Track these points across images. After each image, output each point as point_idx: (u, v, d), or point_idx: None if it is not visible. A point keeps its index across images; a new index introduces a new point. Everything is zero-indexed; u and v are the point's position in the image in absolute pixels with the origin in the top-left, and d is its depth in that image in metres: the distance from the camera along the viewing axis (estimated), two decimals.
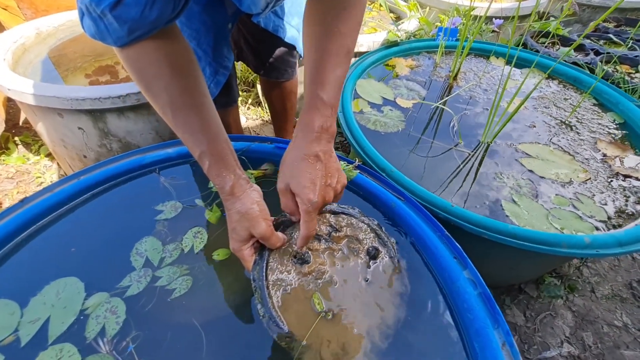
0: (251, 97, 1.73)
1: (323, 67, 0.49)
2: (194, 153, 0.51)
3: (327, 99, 0.49)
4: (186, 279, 0.58)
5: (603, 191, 0.84)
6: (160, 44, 0.44)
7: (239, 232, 0.51)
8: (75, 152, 1.07)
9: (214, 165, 0.50)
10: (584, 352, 0.92)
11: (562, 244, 0.67)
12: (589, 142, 0.99)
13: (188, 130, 0.49)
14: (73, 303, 0.53)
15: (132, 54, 0.44)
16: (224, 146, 0.51)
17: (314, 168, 0.49)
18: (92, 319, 0.51)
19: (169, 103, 0.46)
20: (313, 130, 0.49)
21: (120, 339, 0.50)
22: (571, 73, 1.26)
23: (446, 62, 1.33)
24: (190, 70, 0.48)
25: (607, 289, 1.07)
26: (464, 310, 0.55)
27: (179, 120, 0.48)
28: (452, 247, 0.61)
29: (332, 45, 0.49)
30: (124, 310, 0.53)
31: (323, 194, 0.49)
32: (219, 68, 0.81)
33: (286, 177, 0.50)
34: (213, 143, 0.50)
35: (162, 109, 0.48)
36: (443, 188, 0.83)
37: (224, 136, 0.52)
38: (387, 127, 0.98)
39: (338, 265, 0.56)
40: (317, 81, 0.49)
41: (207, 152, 0.49)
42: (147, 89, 0.47)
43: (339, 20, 0.48)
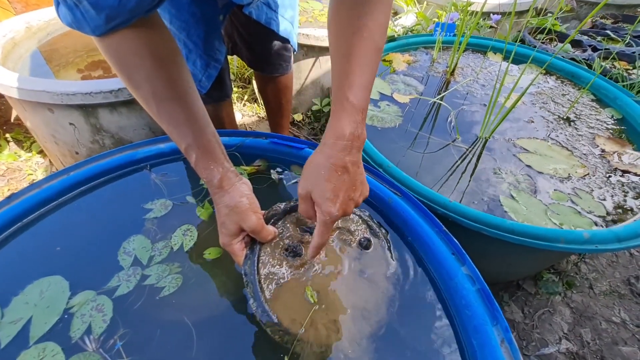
0: (247, 93, 1.71)
1: (351, 68, 0.44)
2: (180, 146, 0.49)
3: (358, 102, 0.44)
4: (176, 277, 0.56)
5: (602, 186, 0.83)
6: (140, 33, 0.42)
7: (229, 227, 0.50)
8: (67, 148, 1.05)
9: (201, 158, 0.49)
10: (582, 348, 0.91)
11: (561, 239, 0.66)
12: (587, 138, 0.98)
13: (173, 123, 0.47)
14: (57, 302, 0.51)
15: (112, 43, 0.42)
16: (211, 138, 0.50)
17: (339, 179, 0.44)
18: (77, 317, 0.50)
19: (152, 94, 0.45)
20: (344, 138, 0.44)
21: (107, 337, 0.48)
22: (569, 69, 1.25)
23: (443, 58, 1.32)
24: (173, 60, 0.46)
25: (605, 285, 1.06)
26: (462, 307, 0.53)
27: (164, 112, 0.46)
28: (450, 243, 0.60)
29: (360, 42, 0.44)
30: (110, 308, 0.51)
31: (345, 208, 0.45)
32: (211, 61, 0.79)
33: (308, 184, 0.45)
34: (199, 135, 0.48)
35: (146, 100, 0.46)
36: (441, 184, 0.82)
37: (211, 128, 0.51)
38: (384, 123, 0.96)
39: (330, 258, 0.55)
40: (346, 84, 0.44)
41: (194, 145, 0.48)
42: (129, 79, 0.45)
43: (367, 15, 0.43)
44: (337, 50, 0.46)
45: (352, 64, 0.44)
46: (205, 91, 0.84)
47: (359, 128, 0.45)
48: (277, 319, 0.47)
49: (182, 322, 0.51)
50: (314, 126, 1.61)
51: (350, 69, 0.44)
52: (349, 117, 0.44)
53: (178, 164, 0.76)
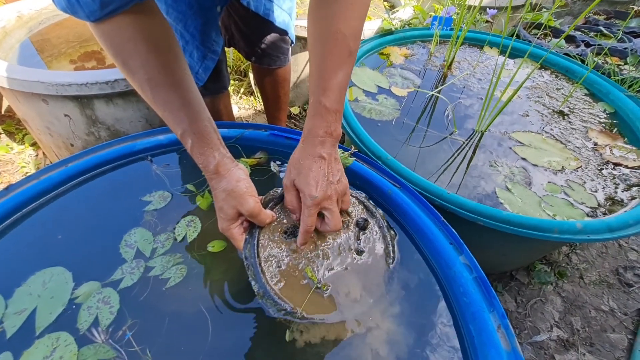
0: (243, 86, 1.70)
1: (325, 72, 0.48)
2: (176, 132, 0.50)
3: (330, 105, 0.49)
4: (180, 267, 0.57)
5: (594, 179, 0.85)
6: (135, 19, 0.42)
7: (227, 211, 0.51)
8: (62, 140, 1.04)
9: (197, 143, 0.49)
10: (572, 335, 0.94)
11: (555, 229, 0.68)
12: (580, 131, 1.00)
13: (168, 108, 0.47)
14: (61, 293, 0.51)
15: (107, 29, 0.42)
16: (207, 124, 0.50)
17: (317, 167, 0.50)
18: (83, 310, 0.50)
19: (147, 80, 0.45)
20: (317, 136, 0.50)
21: (116, 328, 0.48)
22: (563, 63, 1.27)
23: (440, 52, 1.32)
24: (168, 46, 0.46)
25: (594, 275, 1.10)
26: (460, 295, 0.55)
27: (159, 98, 0.47)
28: (448, 233, 0.61)
29: (333, 47, 0.48)
30: (117, 300, 0.52)
31: (324, 190, 0.50)
32: (208, 52, 0.78)
33: (292, 175, 0.52)
34: (195, 121, 0.49)
35: (141, 86, 0.46)
36: (438, 176, 0.83)
37: (207, 114, 0.51)
38: (382, 116, 0.97)
39: (329, 239, 0.56)
40: (320, 87, 0.49)
41: (190, 130, 0.48)
42: (124, 65, 0.45)
43: (340, 19, 0.47)
44: (314, 52, 0.50)
45: (326, 67, 0.48)
46: (203, 83, 0.84)
47: (331, 126, 0.51)
48: (279, 300, 0.48)
49: (188, 311, 0.51)
50: None
51: (325, 73, 0.48)
52: (322, 118, 0.50)
53: (177, 154, 0.76)
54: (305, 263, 0.53)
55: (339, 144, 0.71)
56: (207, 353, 0.47)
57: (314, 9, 0.48)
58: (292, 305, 0.48)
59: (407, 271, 0.59)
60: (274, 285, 0.49)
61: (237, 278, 0.56)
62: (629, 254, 1.17)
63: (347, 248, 0.56)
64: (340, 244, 0.56)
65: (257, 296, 0.48)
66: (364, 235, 0.58)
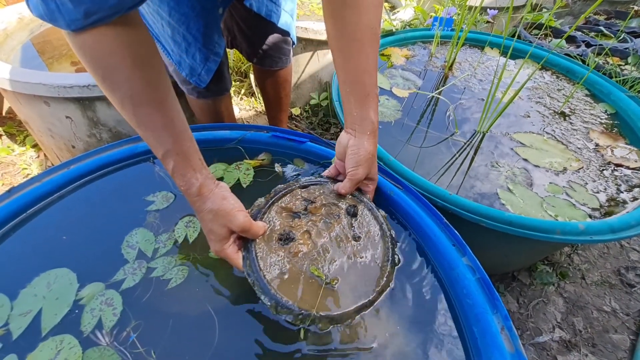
0: (244, 87, 1.70)
1: (365, 59, 0.53)
2: (157, 153, 0.47)
3: (377, 92, 0.56)
4: (182, 268, 0.57)
5: (595, 180, 0.85)
6: (120, 31, 0.39)
7: (217, 231, 0.49)
8: (63, 142, 1.04)
9: (180, 164, 0.47)
10: (574, 336, 0.94)
11: (557, 230, 0.68)
12: (581, 132, 1.00)
13: (151, 127, 0.45)
14: (66, 294, 0.51)
15: (88, 40, 0.38)
16: (189, 145, 0.48)
17: (374, 156, 0.60)
18: (86, 312, 0.50)
19: (130, 97, 0.42)
20: (374, 124, 0.57)
21: (120, 330, 0.48)
22: (564, 64, 1.27)
23: (441, 52, 1.32)
24: (153, 63, 0.44)
25: (596, 276, 1.10)
26: (463, 296, 0.55)
27: (142, 116, 0.44)
28: (450, 234, 0.61)
29: (364, 34, 0.52)
30: (120, 302, 0.52)
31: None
32: (210, 54, 0.78)
33: (368, 168, 0.58)
34: (178, 141, 0.47)
35: (121, 103, 0.43)
36: (440, 177, 0.83)
37: (189, 134, 0.49)
38: (383, 117, 0.97)
39: (324, 234, 0.56)
40: (365, 76, 0.54)
41: (172, 152, 0.46)
42: (104, 80, 0.41)
43: (365, 14, 0.50)
44: (343, 43, 0.52)
45: (367, 57, 0.53)
46: (205, 85, 0.84)
47: (377, 114, 0.58)
48: (295, 306, 0.48)
49: (192, 312, 0.51)
50: (311, 120, 1.61)
51: (368, 64, 0.53)
52: (376, 107, 0.56)
53: None
54: (308, 263, 0.53)
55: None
56: (213, 354, 0.47)
57: (339, 8, 0.51)
58: (305, 307, 0.48)
59: (410, 273, 0.59)
60: (284, 293, 0.49)
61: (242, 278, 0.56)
62: (631, 254, 1.17)
63: (344, 237, 0.56)
64: (336, 236, 0.56)
65: (270, 309, 0.48)
66: (357, 222, 0.59)
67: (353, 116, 0.57)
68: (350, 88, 0.55)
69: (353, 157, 0.57)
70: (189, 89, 0.89)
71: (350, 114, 0.57)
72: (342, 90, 0.58)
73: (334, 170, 0.64)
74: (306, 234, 0.56)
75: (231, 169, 0.76)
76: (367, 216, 0.60)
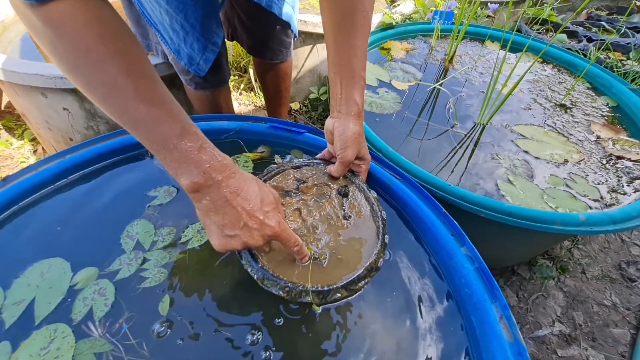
0: (244, 82, 1.69)
1: (355, 43, 0.53)
2: (171, 133, 0.38)
3: (364, 75, 0.56)
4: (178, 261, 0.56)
5: (596, 171, 0.85)
6: (91, 3, 0.33)
7: (270, 198, 0.44)
8: (61, 134, 1.04)
9: (203, 138, 0.41)
10: (574, 330, 0.94)
11: (557, 221, 0.68)
12: (583, 125, 1.00)
13: (159, 102, 0.37)
14: (59, 283, 0.51)
15: (57, 14, 0.31)
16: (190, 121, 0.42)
17: (362, 137, 0.60)
18: (79, 300, 0.49)
19: (127, 70, 0.35)
20: (360, 106, 0.57)
21: (114, 320, 0.48)
22: (565, 57, 1.26)
23: (442, 46, 1.31)
24: (134, 42, 0.37)
25: (597, 270, 1.09)
26: (461, 286, 0.54)
27: (145, 90, 0.36)
28: (449, 224, 0.60)
29: (358, 19, 0.52)
30: (113, 292, 0.51)
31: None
32: (208, 44, 0.78)
33: (357, 148, 0.58)
34: (186, 116, 0.41)
35: (115, 79, 0.35)
36: (439, 168, 0.82)
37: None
38: (383, 109, 0.96)
39: (314, 212, 0.56)
40: (354, 59, 0.54)
41: (191, 124, 0.40)
42: (88, 54, 0.33)
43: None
44: (335, 25, 0.53)
45: (357, 43, 0.53)
46: (203, 74, 0.83)
47: (363, 98, 0.58)
48: (280, 277, 0.48)
49: (186, 304, 0.51)
50: (311, 115, 1.61)
51: (356, 48, 0.53)
52: (362, 90, 0.56)
53: None
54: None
55: None
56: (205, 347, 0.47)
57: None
58: (294, 280, 0.48)
59: (407, 262, 0.58)
60: (272, 268, 0.49)
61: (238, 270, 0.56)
62: (632, 248, 1.16)
63: (335, 216, 0.56)
64: (326, 214, 0.56)
65: (258, 281, 0.48)
66: (348, 202, 0.59)
67: (338, 99, 0.57)
68: (338, 69, 0.55)
69: (340, 138, 0.57)
70: (187, 80, 0.88)
71: (335, 97, 0.57)
72: (330, 73, 0.58)
73: (328, 154, 0.64)
74: (296, 212, 0.56)
75: None
76: (358, 197, 0.60)
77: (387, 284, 0.55)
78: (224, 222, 0.42)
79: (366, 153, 0.62)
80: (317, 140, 0.77)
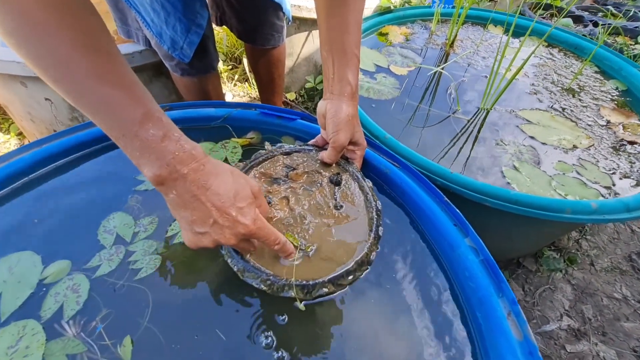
0: (238, 73, 1.64)
1: (349, 21, 0.51)
2: (135, 114, 0.33)
3: (359, 53, 0.54)
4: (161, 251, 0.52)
5: (607, 157, 0.80)
6: None
7: (245, 192, 0.39)
8: (45, 126, 0.99)
9: (168, 124, 0.36)
10: (583, 325, 0.89)
11: (567, 209, 0.63)
12: (591, 109, 0.95)
13: (116, 83, 0.32)
14: (29, 277, 0.47)
15: None
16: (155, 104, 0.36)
17: (357, 120, 0.56)
18: (50, 296, 0.45)
19: (78, 45, 0.30)
20: (354, 86, 0.53)
21: (88, 319, 0.44)
22: (572, 40, 1.21)
23: (442, 30, 1.26)
24: (91, 9, 0.32)
25: (606, 262, 1.04)
26: (465, 279, 0.50)
27: (96, 69, 0.31)
28: (451, 214, 0.56)
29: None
30: (87, 289, 0.47)
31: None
32: (191, 25, 0.73)
33: (350, 132, 0.54)
34: (150, 98, 0.35)
35: (64, 57, 0.30)
36: (441, 156, 0.77)
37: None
38: (380, 95, 0.91)
39: (304, 201, 0.52)
40: (349, 37, 0.51)
41: (156, 108, 0.35)
42: (46, 23, 0.29)
43: None
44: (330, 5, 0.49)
45: (349, 18, 0.50)
46: (188, 60, 0.78)
47: (357, 76, 0.55)
48: (262, 268, 0.44)
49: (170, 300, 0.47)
50: (307, 105, 1.56)
51: (348, 23, 0.50)
52: (356, 69, 0.53)
53: None
54: (282, 229, 0.49)
55: None
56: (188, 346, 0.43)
57: None
58: (276, 273, 0.44)
59: (406, 254, 0.54)
60: (254, 259, 0.45)
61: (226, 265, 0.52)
62: None
63: (325, 206, 0.52)
64: (316, 203, 0.52)
65: (238, 274, 0.44)
66: (340, 191, 0.54)
67: (330, 79, 0.53)
68: (330, 46, 0.52)
69: (332, 120, 0.53)
70: (172, 66, 0.84)
71: (328, 78, 0.54)
72: (322, 51, 0.54)
73: (321, 140, 0.60)
74: (284, 200, 0.52)
75: (217, 148, 0.71)
76: (351, 185, 0.56)
77: (382, 278, 0.51)
78: (193, 218, 0.37)
79: (361, 138, 0.57)
80: (311, 127, 0.72)
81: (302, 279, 0.44)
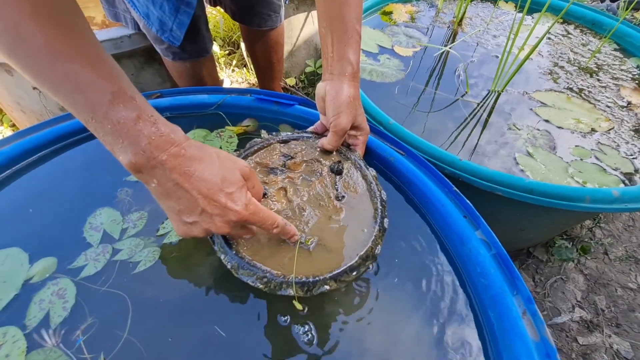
0: (235, 58, 1.58)
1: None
2: (104, 92, 0.30)
3: (360, 31, 0.50)
4: (153, 250, 0.49)
5: (629, 141, 0.75)
6: None
7: (234, 177, 0.35)
8: (35, 117, 0.96)
9: (143, 106, 0.32)
10: (596, 316, 0.86)
11: (586, 198, 0.59)
12: (611, 89, 0.88)
13: (80, 57, 0.28)
14: (14, 276, 0.44)
15: None
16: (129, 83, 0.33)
17: (358, 102, 0.52)
18: (34, 303, 0.43)
19: (33, 14, 0.26)
20: (355, 65, 0.50)
21: (71, 328, 0.41)
22: (590, 16, 1.13)
23: (449, 8, 1.19)
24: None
25: (620, 251, 1.00)
26: (477, 275, 0.46)
27: (56, 41, 0.27)
28: (461, 204, 0.52)
29: None
30: (73, 294, 0.44)
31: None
32: (180, 5, 0.68)
33: (353, 115, 0.50)
34: (122, 75, 0.32)
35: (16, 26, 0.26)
36: (449, 142, 0.73)
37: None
38: (384, 77, 0.86)
39: (302, 192, 0.49)
40: (351, 15, 0.48)
41: (132, 86, 0.32)
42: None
43: None
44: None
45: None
46: (179, 43, 0.74)
47: (358, 55, 0.51)
48: (257, 265, 0.41)
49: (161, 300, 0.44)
50: (308, 91, 1.50)
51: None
52: (357, 46, 0.50)
53: None
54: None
55: None
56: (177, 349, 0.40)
57: None
58: (273, 269, 0.40)
59: (413, 249, 0.50)
60: (249, 254, 0.42)
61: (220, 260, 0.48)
62: None
63: (326, 197, 0.48)
64: (316, 194, 0.49)
65: (232, 271, 0.41)
66: (341, 180, 0.51)
67: (330, 58, 0.50)
68: (328, 22, 0.48)
69: (332, 103, 0.48)
70: (163, 49, 0.79)
71: (327, 57, 0.50)
72: (320, 28, 0.50)
73: (321, 126, 0.55)
74: (281, 191, 0.48)
75: (212, 137, 0.67)
76: (354, 174, 0.52)
77: (387, 274, 0.48)
78: (180, 207, 0.34)
79: (363, 122, 0.53)
80: (310, 114, 0.68)
81: (302, 275, 0.40)
